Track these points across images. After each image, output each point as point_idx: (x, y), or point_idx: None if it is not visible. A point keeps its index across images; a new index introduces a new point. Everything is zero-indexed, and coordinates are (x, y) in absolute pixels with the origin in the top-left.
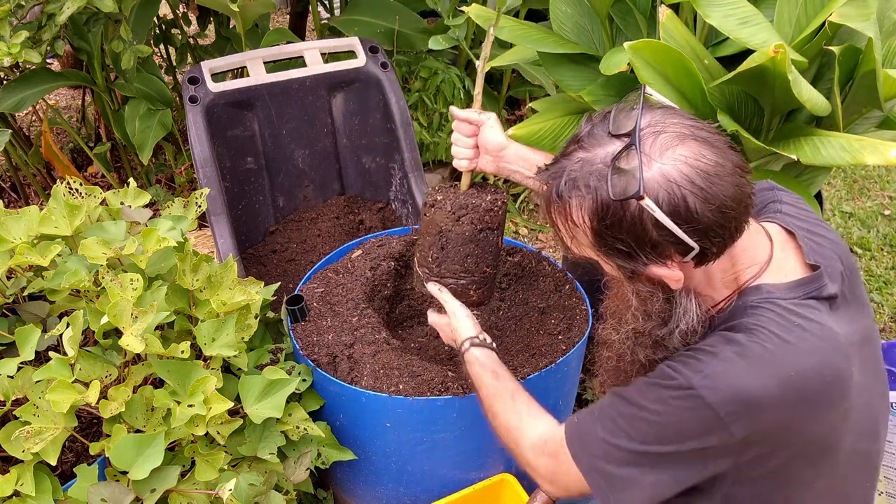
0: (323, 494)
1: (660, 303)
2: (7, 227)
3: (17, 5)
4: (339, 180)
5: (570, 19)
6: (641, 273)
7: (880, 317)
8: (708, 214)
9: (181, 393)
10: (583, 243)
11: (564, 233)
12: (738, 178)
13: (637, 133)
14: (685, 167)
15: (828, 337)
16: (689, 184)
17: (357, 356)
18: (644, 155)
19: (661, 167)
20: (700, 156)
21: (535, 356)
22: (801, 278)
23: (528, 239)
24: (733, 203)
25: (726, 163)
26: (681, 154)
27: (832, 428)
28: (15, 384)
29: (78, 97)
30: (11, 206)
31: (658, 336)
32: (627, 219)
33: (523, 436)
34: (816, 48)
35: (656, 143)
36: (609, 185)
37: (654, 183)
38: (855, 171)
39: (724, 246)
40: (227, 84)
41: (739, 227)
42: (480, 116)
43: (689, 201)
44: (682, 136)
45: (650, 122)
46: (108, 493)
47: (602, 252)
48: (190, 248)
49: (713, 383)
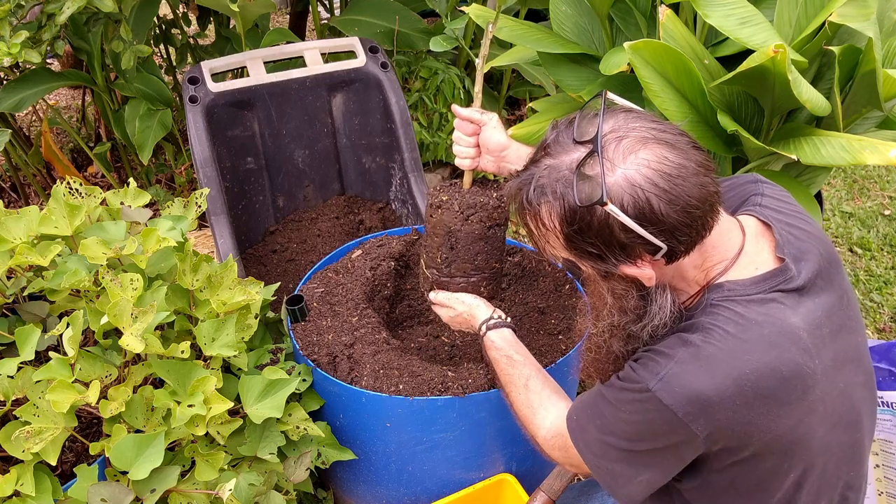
0: (323, 494)
1: (634, 300)
2: (7, 227)
3: (17, 5)
4: (339, 180)
5: (570, 19)
6: (615, 273)
7: (880, 317)
8: (673, 215)
9: (181, 393)
10: (555, 246)
11: (538, 236)
12: (701, 177)
13: (599, 140)
14: (648, 171)
15: (787, 332)
16: (653, 186)
17: (357, 356)
18: (607, 161)
19: (625, 172)
20: (663, 158)
21: (535, 356)
22: (767, 271)
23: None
24: (698, 202)
25: (689, 163)
26: (643, 158)
27: (797, 421)
28: (15, 384)
29: (78, 97)
30: (11, 206)
31: (633, 331)
32: (595, 223)
33: (537, 429)
34: (816, 48)
35: (619, 149)
36: (575, 191)
37: (618, 188)
38: (855, 171)
39: (692, 243)
40: (227, 84)
41: (706, 224)
42: (482, 116)
43: (654, 203)
44: (645, 140)
45: (613, 127)
46: (108, 493)
47: (574, 254)
48: (190, 248)
49: (668, 386)
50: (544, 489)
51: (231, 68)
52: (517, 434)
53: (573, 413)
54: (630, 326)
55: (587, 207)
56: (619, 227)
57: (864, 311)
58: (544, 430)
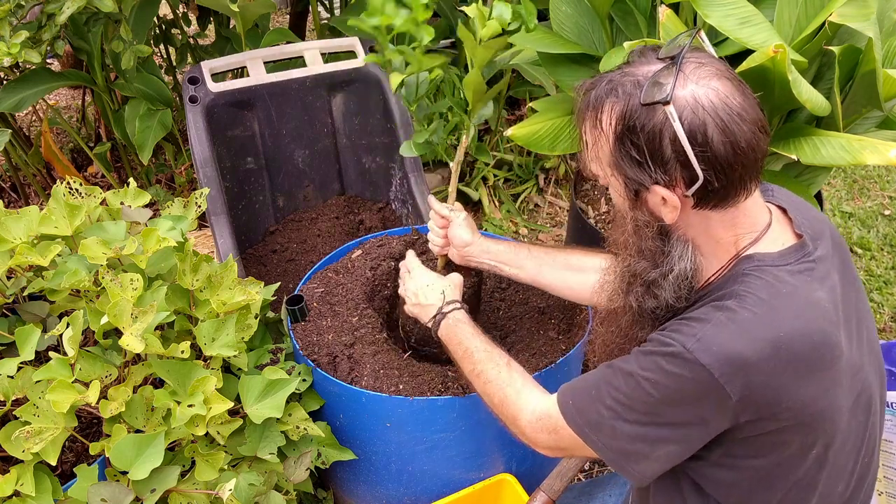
0: (323, 494)
1: (653, 239)
2: (7, 227)
3: (17, 5)
4: (339, 180)
5: (570, 19)
6: (645, 196)
7: (880, 317)
8: (721, 147)
9: (181, 393)
10: (602, 152)
11: (589, 140)
12: (757, 131)
13: (681, 56)
14: (715, 98)
15: (814, 303)
16: (714, 113)
17: (357, 356)
18: (682, 74)
19: (694, 91)
20: (732, 95)
21: (535, 356)
22: (791, 245)
23: (528, 239)
24: (747, 148)
25: (752, 113)
26: (715, 86)
27: (824, 391)
28: (15, 384)
29: (78, 97)
30: (11, 206)
31: (649, 279)
32: (649, 126)
33: (519, 411)
34: (816, 48)
35: (696, 71)
36: (642, 91)
37: (683, 100)
38: (855, 171)
39: (726, 193)
40: (227, 84)
41: (744, 178)
42: (451, 213)
43: (709, 128)
44: (721, 75)
45: (698, 56)
46: (108, 493)
47: (616, 160)
48: (190, 248)
49: (707, 345)
50: (544, 489)
51: (231, 68)
52: None
53: (568, 396)
54: (649, 272)
55: (648, 107)
56: (670, 137)
57: None
58: (528, 412)
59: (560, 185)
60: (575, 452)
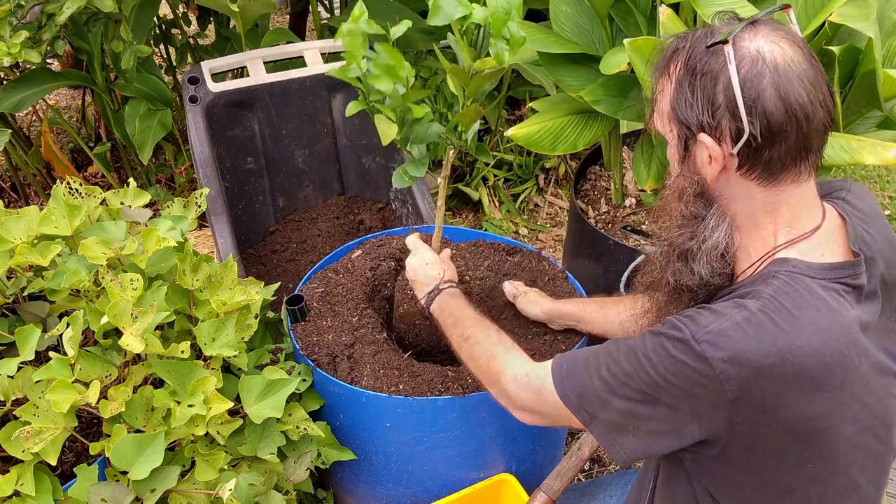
0: (323, 494)
1: (694, 204)
2: (7, 227)
3: (17, 5)
4: (339, 180)
5: (570, 19)
6: (693, 150)
7: None
8: (771, 105)
9: (181, 393)
10: (664, 103)
11: (657, 88)
12: (816, 103)
13: (761, 15)
14: (780, 59)
15: (839, 322)
16: (774, 71)
17: (357, 356)
18: (753, 29)
19: (760, 45)
20: (799, 63)
21: (536, 356)
22: (835, 262)
23: (528, 239)
24: (801, 113)
25: (815, 85)
26: (784, 49)
27: (827, 411)
28: (15, 384)
29: (78, 97)
30: (11, 206)
31: (685, 248)
32: (707, 70)
33: (504, 366)
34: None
35: (769, 31)
36: (711, 38)
37: (745, 50)
38: (855, 172)
39: (771, 158)
40: (227, 84)
41: (793, 151)
42: (517, 290)
43: (764, 83)
44: (795, 44)
45: (775, 24)
46: (108, 493)
47: (672, 105)
48: (190, 248)
49: (716, 340)
50: (544, 489)
51: (231, 68)
52: (517, 434)
53: (561, 362)
54: (685, 242)
55: (711, 50)
56: (724, 83)
57: None
58: (515, 367)
59: (560, 185)
60: (550, 420)
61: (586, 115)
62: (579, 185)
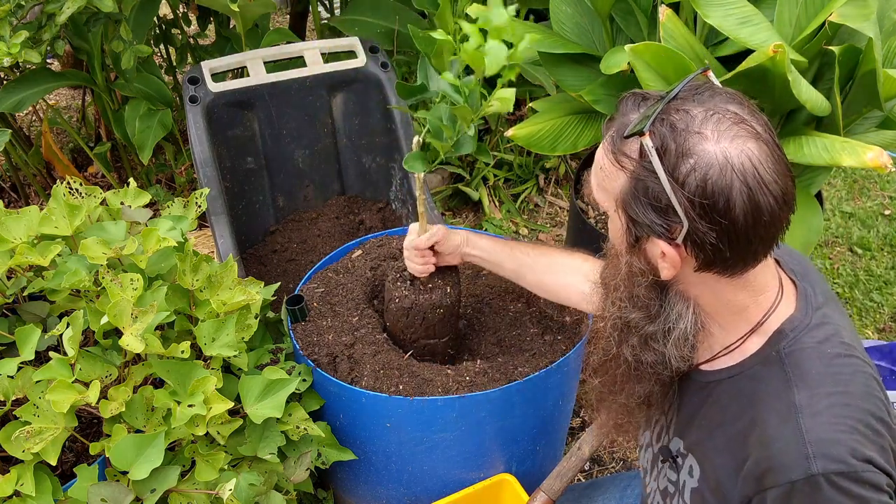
0: (323, 494)
1: (646, 287)
2: (7, 227)
3: (17, 5)
4: (339, 180)
5: (571, 19)
6: (644, 244)
7: (880, 317)
8: (740, 214)
9: (181, 393)
10: (613, 183)
11: (604, 161)
12: (783, 204)
13: (681, 87)
14: (749, 163)
15: (872, 378)
16: (743, 180)
17: (357, 356)
18: (716, 129)
19: (727, 148)
20: (765, 162)
21: (536, 356)
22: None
23: (528, 239)
24: (769, 219)
25: (782, 184)
26: (753, 152)
27: None
28: (15, 384)
29: (78, 97)
30: (11, 206)
31: (646, 332)
32: (671, 167)
33: None
34: (816, 48)
35: (733, 127)
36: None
37: (712, 156)
38: (855, 171)
39: (734, 262)
40: (227, 84)
41: (758, 251)
42: (431, 238)
43: (734, 192)
44: (759, 137)
45: (738, 105)
46: (108, 493)
47: (625, 198)
48: (190, 248)
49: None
50: (544, 489)
51: (231, 68)
52: (517, 434)
53: None
54: (643, 327)
55: (678, 147)
56: (691, 187)
57: (864, 311)
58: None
59: (560, 185)
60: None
61: (586, 115)
62: (579, 185)
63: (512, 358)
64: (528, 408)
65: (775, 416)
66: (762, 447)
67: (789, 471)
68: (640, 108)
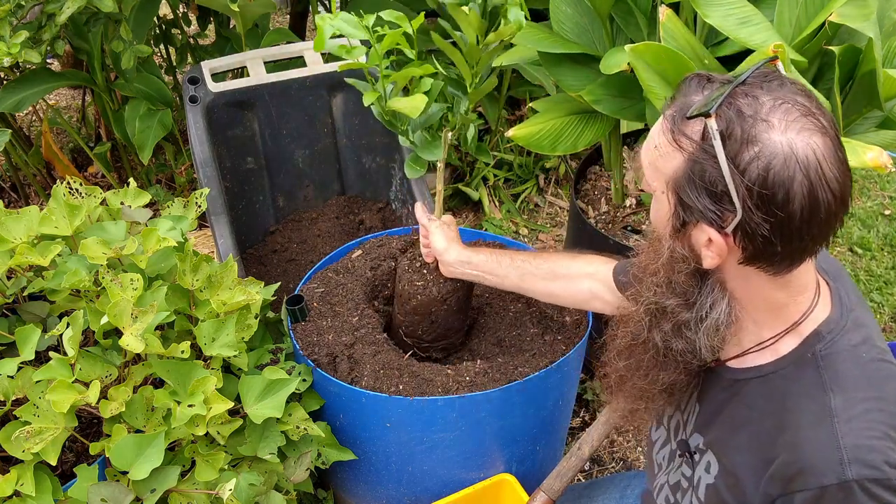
0: (323, 494)
1: (686, 275)
2: (7, 227)
3: (17, 5)
4: (339, 180)
5: (571, 19)
6: (690, 229)
7: (880, 317)
8: (798, 207)
9: (181, 393)
10: (668, 164)
11: (661, 140)
12: (840, 202)
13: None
14: (813, 158)
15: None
16: (805, 174)
17: (357, 356)
18: (784, 119)
19: (794, 139)
20: (829, 158)
21: (536, 356)
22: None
23: (528, 239)
24: (825, 215)
25: (843, 181)
26: (818, 146)
27: None
28: (15, 384)
29: (78, 97)
30: (11, 206)
31: (681, 320)
32: (732, 155)
33: None
34: (816, 48)
35: (800, 118)
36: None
37: (777, 146)
38: (855, 171)
39: (782, 258)
40: (227, 84)
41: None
42: (428, 222)
43: (795, 186)
44: (825, 132)
45: (807, 100)
46: (108, 493)
47: (679, 179)
48: (190, 248)
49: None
50: (544, 489)
51: (231, 68)
52: (517, 434)
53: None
54: (681, 313)
55: (743, 133)
56: (751, 177)
57: None
58: None
59: (560, 185)
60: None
61: (586, 115)
62: (579, 185)
63: (512, 358)
64: (528, 408)
65: (809, 419)
66: (793, 449)
67: (821, 475)
68: (704, 89)
